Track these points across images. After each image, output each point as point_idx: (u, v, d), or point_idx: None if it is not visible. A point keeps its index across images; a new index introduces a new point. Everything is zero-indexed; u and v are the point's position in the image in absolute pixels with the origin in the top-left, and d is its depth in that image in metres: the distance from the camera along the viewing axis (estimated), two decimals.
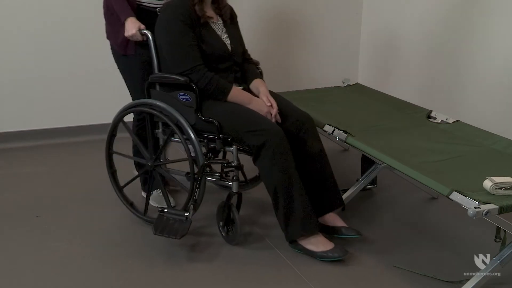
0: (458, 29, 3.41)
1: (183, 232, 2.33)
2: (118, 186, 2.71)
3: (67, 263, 2.34)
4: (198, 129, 2.41)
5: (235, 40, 2.54)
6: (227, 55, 2.47)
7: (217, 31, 2.48)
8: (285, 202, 2.28)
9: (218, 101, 2.38)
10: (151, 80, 2.48)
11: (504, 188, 1.95)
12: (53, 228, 2.63)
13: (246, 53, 2.67)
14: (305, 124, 2.42)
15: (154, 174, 2.57)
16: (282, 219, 2.31)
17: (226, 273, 2.27)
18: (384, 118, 2.88)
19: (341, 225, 2.45)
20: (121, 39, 2.50)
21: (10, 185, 3.10)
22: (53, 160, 3.45)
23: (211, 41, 2.43)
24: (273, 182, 2.28)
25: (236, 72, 2.54)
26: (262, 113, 2.37)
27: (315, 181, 2.43)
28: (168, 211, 2.42)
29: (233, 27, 2.59)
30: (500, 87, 3.13)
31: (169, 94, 2.44)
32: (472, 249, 2.26)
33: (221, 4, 2.53)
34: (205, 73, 2.36)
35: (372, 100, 3.21)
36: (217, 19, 2.52)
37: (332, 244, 2.31)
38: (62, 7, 3.61)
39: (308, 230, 2.30)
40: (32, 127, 3.73)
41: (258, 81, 2.56)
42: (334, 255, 2.27)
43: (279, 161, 2.25)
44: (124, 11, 2.46)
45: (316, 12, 4.22)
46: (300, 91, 3.36)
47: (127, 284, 2.21)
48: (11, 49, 3.58)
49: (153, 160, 2.54)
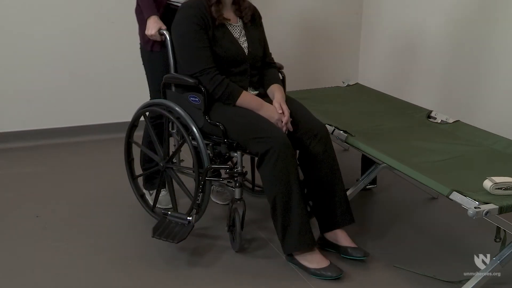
0: (457, 29, 3.41)
1: (182, 236, 2.30)
2: (133, 175, 2.74)
3: (67, 263, 2.34)
4: (206, 132, 2.37)
5: (254, 43, 2.46)
6: (243, 59, 2.40)
7: (234, 33, 2.42)
8: (283, 214, 2.22)
9: (228, 105, 2.34)
10: (165, 80, 2.47)
11: (504, 188, 1.95)
12: (53, 228, 2.63)
13: (269, 57, 2.59)
14: (318, 134, 2.33)
15: (165, 175, 2.57)
16: (279, 230, 2.26)
17: (227, 278, 2.26)
18: (384, 118, 2.87)
19: (347, 245, 2.35)
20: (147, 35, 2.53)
21: (10, 185, 3.10)
22: (53, 160, 3.45)
23: (225, 43, 2.37)
24: (273, 192, 2.22)
25: (252, 76, 2.46)
26: (272, 120, 2.30)
27: (324, 194, 2.36)
28: (171, 214, 2.41)
29: (255, 29, 2.50)
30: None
31: (181, 95, 2.42)
32: (472, 249, 2.26)
33: (242, 6, 2.45)
34: (214, 76, 2.31)
35: (372, 100, 3.21)
36: (237, 21, 2.45)
37: (328, 262, 2.25)
38: (62, 8, 3.61)
39: (303, 246, 2.24)
40: (32, 127, 3.73)
41: (275, 86, 2.46)
42: (327, 274, 2.21)
43: (281, 171, 2.18)
44: (148, 9, 2.47)
45: (316, 12, 4.22)
46: (300, 91, 3.35)
47: (127, 285, 2.21)
48: (11, 49, 3.58)
49: (165, 161, 2.52)
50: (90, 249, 2.45)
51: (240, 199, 2.40)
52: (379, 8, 4.17)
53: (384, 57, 4.15)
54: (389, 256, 2.38)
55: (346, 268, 2.29)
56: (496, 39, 3.14)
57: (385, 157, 2.30)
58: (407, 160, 2.26)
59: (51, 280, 2.23)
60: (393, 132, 2.67)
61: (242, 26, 2.46)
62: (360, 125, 2.72)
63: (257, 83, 2.50)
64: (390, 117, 2.91)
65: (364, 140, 2.48)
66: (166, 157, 2.52)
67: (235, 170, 2.39)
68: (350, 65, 4.44)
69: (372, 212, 2.82)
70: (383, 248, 2.46)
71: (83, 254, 2.41)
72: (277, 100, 2.37)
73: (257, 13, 2.55)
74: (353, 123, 2.72)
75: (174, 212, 2.43)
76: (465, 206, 1.88)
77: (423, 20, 3.71)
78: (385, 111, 3.01)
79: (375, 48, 4.26)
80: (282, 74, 2.65)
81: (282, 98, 2.39)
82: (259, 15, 2.56)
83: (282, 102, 2.36)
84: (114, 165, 2.71)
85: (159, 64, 2.55)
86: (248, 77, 2.44)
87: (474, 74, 3.32)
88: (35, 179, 3.18)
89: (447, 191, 1.96)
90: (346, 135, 2.53)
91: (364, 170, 2.75)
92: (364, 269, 2.30)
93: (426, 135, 2.63)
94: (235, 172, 2.38)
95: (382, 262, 2.35)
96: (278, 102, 2.36)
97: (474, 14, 3.28)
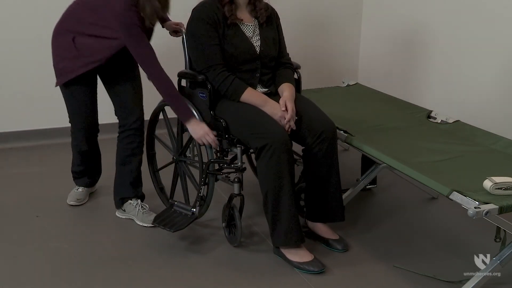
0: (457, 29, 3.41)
1: (180, 226, 2.36)
2: (154, 168, 2.79)
3: (67, 263, 2.34)
4: (212, 127, 2.41)
5: (267, 42, 2.48)
6: (254, 57, 2.43)
7: (247, 32, 2.44)
8: (273, 209, 2.27)
9: (232, 101, 2.39)
10: (178, 75, 2.54)
11: (504, 188, 1.95)
12: (53, 228, 2.63)
13: (285, 57, 2.60)
14: (322, 134, 2.34)
15: (178, 167, 2.65)
16: (269, 223, 2.31)
17: (225, 273, 2.28)
18: (384, 118, 2.87)
19: (328, 237, 2.45)
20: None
21: (10, 185, 3.10)
22: (53, 160, 3.45)
23: (236, 42, 2.40)
24: (265, 186, 2.27)
25: (263, 74, 2.48)
26: (275, 117, 2.32)
27: (318, 192, 2.42)
28: (177, 204, 2.48)
29: (270, 29, 2.52)
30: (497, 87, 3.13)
31: (193, 91, 2.50)
32: (472, 249, 2.26)
33: (257, 7, 2.47)
34: (220, 73, 2.36)
35: (372, 100, 3.21)
36: (252, 21, 2.47)
37: (311, 256, 2.30)
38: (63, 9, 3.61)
39: (289, 243, 2.30)
40: (32, 127, 3.73)
41: (285, 85, 2.48)
42: (310, 268, 2.26)
43: (275, 166, 2.22)
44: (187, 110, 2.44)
45: (315, 12, 4.22)
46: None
47: (126, 284, 2.21)
48: (11, 49, 3.57)
49: (178, 154, 2.62)
50: (90, 249, 2.45)
51: (239, 194, 2.43)
52: (379, 8, 4.17)
53: (384, 57, 4.15)
54: (389, 256, 2.38)
55: (346, 269, 2.29)
56: (496, 38, 3.14)
57: (385, 157, 2.31)
58: (407, 160, 2.26)
59: (51, 280, 2.23)
60: (393, 132, 2.67)
61: (257, 25, 2.49)
62: (360, 125, 2.72)
63: (269, 82, 2.52)
64: (390, 117, 2.91)
65: (364, 140, 2.49)
66: (179, 150, 2.62)
67: (232, 165, 2.45)
68: (350, 65, 4.44)
69: (372, 212, 2.82)
70: (383, 248, 2.46)
71: (83, 254, 2.41)
72: (283, 98, 2.39)
73: (274, 14, 2.58)
74: (353, 123, 2.72)
75: (180, 203, 2.49)
76: (465, 206, 1.88)
77: (423, 20, 3.71)
78: (385, 111, 3.01)
79: (375, 48, 4.26)
80: (298, 74, 2.67)
81: (289, 96, 2.40)
82: (276, 16, 2.59)
83: (288, 100, 2.37)
84: (113, 165, 2.72)
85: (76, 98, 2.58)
86: (258, 75, 2.47)
87: (474, 74, 3.32)
88: (35, 179, 3.18)
89: (447, 191, 1.96)
90: (346, 135, 2.54)
91: (364, 170, 2.76)
92: (364, 270, 2.30)
93: (426, 135, 2.63)
94: (234, 167, 2.43)
95: (382, 262, 2.35)
96: (284, 100, 2.37)
97: (474, 13, 3.28)
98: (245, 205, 2.50)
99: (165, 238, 2.49)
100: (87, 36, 2.43)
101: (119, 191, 2.70)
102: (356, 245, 2.47)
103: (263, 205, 2.31)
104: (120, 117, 2.63)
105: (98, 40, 2.41)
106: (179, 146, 2.63)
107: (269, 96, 2.44)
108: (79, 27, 2.44)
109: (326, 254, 2.39)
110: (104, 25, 2.37)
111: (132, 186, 2.67)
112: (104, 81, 2.63)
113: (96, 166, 2.88)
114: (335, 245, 2.43)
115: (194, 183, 2.59)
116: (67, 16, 2.51)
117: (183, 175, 2.66)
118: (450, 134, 2.64)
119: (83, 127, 2.66)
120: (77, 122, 2.66)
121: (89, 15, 2.41)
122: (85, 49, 2.44)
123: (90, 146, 2.73)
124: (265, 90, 2.49)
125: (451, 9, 3.45)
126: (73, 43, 2.45)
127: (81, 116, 2.63)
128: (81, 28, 2.43)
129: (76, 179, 2.88)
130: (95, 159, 2.85)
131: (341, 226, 2.55)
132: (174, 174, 2.69)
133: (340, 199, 2.45)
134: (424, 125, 2.79)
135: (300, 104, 2.42)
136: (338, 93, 3.40)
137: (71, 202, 2.83)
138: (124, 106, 2.59)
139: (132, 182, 2.67)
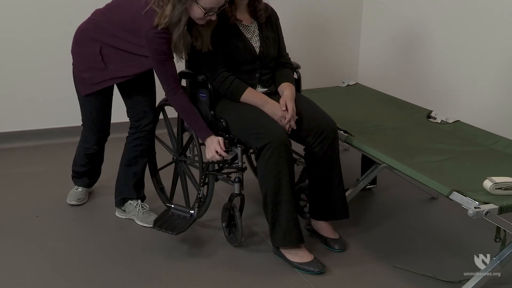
0: (457, 29, 3.41)
1: (181, 229, 2.35)
2: (155, 168, 2.78)
3: (67, 263, 2.34)
4: (213, 127, 2.41)
5: (267, 43, 2.48)
6: (253, 58, 2.43)
7: (246, 33, 2.44)
8: (272, 209, 2.28)
9: (233, 101, 2.39)
10: (179, 76, 2.51)
11: (504, 188, 1.95)
12: (53, 228, 2.63)
13: (285, 57, 2.60)
14: (322, 134, 2.35)
15: (178, 167, 2.66)
16: (269, 223, 2.32)
17: (225, 273, 2.28)
18: (384, 118, 2.88)
19: (328, 236, 2.46)
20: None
21: (10, 185, 3.10)
22: (53, 160, 3.45)
23: (236, 43, 2.40)
24: (265, 186, 2.27)
25: (263, 74, 2.49)
26: (275, 117, 2.32)
27: (321, 191, 2.42)
28: (175, 207, 2.47)
29: (270, 30, 2.52)
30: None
31: (194, 91, 2.51)
32: (472, 249, 2.26)
33: (257, 8, 2.47)
34: (220, 73, 2.37)
35: (372, 100, 3.21)
36: (251, 22, 2.47)
37: (311, 257, 2.30)
38: (63, 9, 3.61)
39: (288, 244, 2.30)
40: (32, 127, 3.73)
41: (285, 84, 2.48)
42: (309, 269, 2.26)
43: (275, 166, 2.22)
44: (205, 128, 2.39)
45: (315, 12, 4.22)
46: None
47: (126, 283, 2.22)
48: (11, 49, 3.57)
49: (178, 154, 2.63)
50: (90, 249, 2.45)
51: (239, 194, 2.43)
52: (379, 8, 4.17)
53: (384, 57, 4.14)
54: (389, 256, 2.38)
55: (346, 269, 2.29)
56: (496, 38, 3.14)
57: (385, 157, 2.31)
58: (407, 160, 2.26)
59: (51, 280, 2.23)
60: (393, 132, 2.67)
61: (257, 26, 2.48)
62: (360, 125, 2.73)
63: (268, 82, 2.53)
64: (390, 117, 2.91)
65: (364, 140, 2.49)
66: (179, 150, 2.63)
67: (233, 165, 2.44)
68: (350, 65, 4.44)
69: (372, 212, 2.82)
70: (383, 248, 2.46)
71: (83, 254, 2.41)
72: (284, 98, 2.39)
73: (274, 15, 2.57)
74: (353, 123, 2.72)
75: (178, 205, 2.48)
76: (465, 206, 1.88)
77: (423, 21, 3.71)
78: (385, 111, 3.02)
79: (375, 48, 4.26)
80: (298, 74, 2.67)
81: (290, 96, 2.40)
82: (276, 16, 2.59)
83: (288, 99, 2.37)
84: (113, 164, 2.72)
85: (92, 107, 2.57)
86: (258, 75, 2.47)
87: (474, 74, 3.32)
88: (35, 179, 3.18)
89: (447, 191, 1.96)
90: (346, 135, 2.54)
91: (364, 170, 2.76)
92: (364, 270, 2.30)
93: (426, 135, 2.64)
94: (234, 167, 2.43)
95: (382, 262, 2.35)
96: (284, 99, 2.38)
97: (474, 13, 3.28)
98: (245, 205, 2.50)
99: (165, 238, 2.49)
100: (117, 49, 2.38)
101: (121, 191, 2.70)
102: (356, 245, 2.47)
103: (263, 205, 2.31)
104: (132, 119, 2.61)
105: (129, 56, 2.37)
106: (179, 146, 2.64)
107: (269, 95, 2.44)
108: (107, 39, 2.39)
109: (326, 254, 2.39)
110: (135, 43, 2.32)
111: (135, 188, 2.67)
112: (120, 86, 2.58)
113: (98, 168, 2.89)
114: (332, 244, 2.44)
115: (194, 183, 2.59)
116: (91, 26, 2.45)
117: (183, 175, 2.66)
118: (450, 134, 2.64)
119: (96, 133, 2.65)
120: (91, 128, 2.64)
121: (120, 32, 2.35)
122: (114, 62, 2.41)
123: (99, 149, 2.74)
124: (265, 90, 2.49)
125: (451, 9, 3.45)
126: (100, 54, 2.41)
127: (97, 123, 2.61)
128: (109, 39, 2.38)
129: (76, 179, 2.88)
130: (99, 161, 2.85)
131: (341, 226, 2.55)
132: (174, 174, 2.70)
133: (344, 197, 2.45)
134: (424, 125, 2.79)
135: (301, 104, 2.43)
136: (338, 93, 3.40)
137: (72, 202, 2.83)
138: (139, 109, 2.57)
139: (136, 184, 2.67)
